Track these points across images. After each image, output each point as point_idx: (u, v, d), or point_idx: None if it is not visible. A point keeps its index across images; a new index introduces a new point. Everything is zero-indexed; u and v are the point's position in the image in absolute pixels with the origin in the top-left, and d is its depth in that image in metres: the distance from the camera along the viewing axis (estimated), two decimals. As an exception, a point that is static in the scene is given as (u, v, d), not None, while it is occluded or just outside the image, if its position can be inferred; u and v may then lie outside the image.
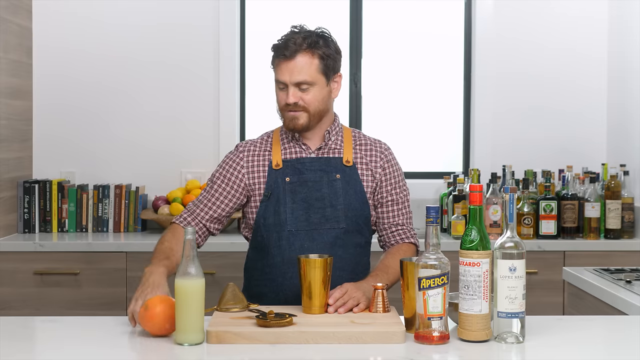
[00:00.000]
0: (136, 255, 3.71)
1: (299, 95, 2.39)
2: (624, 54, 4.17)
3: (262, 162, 2.50)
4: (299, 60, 2.38)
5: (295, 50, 2.37)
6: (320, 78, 2.41)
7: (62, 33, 4.24)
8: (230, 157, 2.54)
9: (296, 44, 2.37)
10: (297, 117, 2.42)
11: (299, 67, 2.37)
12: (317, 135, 2.51)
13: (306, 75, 2.38)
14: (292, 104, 2.40)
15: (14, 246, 3.72)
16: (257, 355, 1.83)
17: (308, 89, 2.40)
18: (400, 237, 2.52)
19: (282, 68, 2.39)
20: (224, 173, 2.52)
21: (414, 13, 4.46)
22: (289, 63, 2.38)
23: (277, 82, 2.43)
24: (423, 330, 1.91)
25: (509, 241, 1.92)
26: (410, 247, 2.51)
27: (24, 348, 1.94)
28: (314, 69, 2.39)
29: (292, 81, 2.38)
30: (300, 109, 2.41)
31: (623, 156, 4.13)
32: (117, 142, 4.26)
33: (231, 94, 4.28)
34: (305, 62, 2.38)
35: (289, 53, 2.37)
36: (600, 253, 3.79)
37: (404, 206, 2.55)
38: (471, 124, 4.39)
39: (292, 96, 2.39)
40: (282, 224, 2.42)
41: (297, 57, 2.37)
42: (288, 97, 2.39)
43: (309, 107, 2.41)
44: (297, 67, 2.37)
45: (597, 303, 2.69)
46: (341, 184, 2.46)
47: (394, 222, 2.53)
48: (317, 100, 2.42)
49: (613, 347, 2.01)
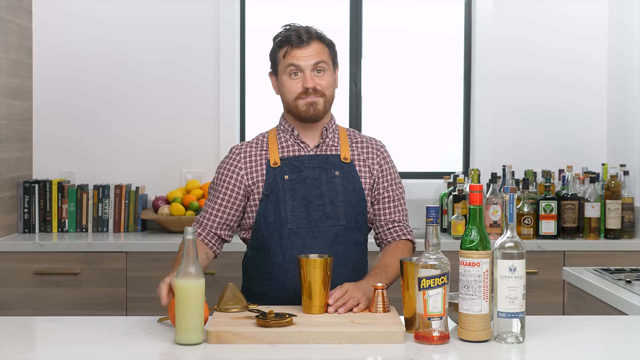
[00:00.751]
0: (136, 255, 3.71)
1: (316, 80, 2.43)
2: (624, 54, 4.17)
3: (260, 161, 2.50)
4: (314, 46, 2.45)
5: (309, 37, 2.44)
6: (330, 64, 2.48)
7: (62, 33, 4.24)
8: (226, 162, 2.53)
9: (309, 32, 2.45)
10: (316, 102, 2.44)
11: (315, 51, 2.44)
12: (316, 133, 2.52)
13: (322, 56, 2.45)
14: (311, 89, 2.42)
15: (14, 246, 3.72)
16: (257, 355, 1.83)
17: (323, 72, 2.45)
18: (397, 234, 2.52)
19: (297, 54, 2.43)
20: (224, 178, 2.51)
21: (414, 13, 4.46)
22: (305, 49, 2.43)
23: (289, 69, 2.44)
24: (423, 330, 1.91)
25: (509, 241, 1.92)
26: (407, 245, 2.51)
27: (24, 348, 1.94)
28: (326, 54, 2.47)
29: (310, 63, 2.43)
30: (318, 94, 2.44)
31: (623, 156, 4.13)
32: (117, 142, 4.26)
33: (231, 94, 4.28)
34: (318, 47, 2.46)
35: (306, 39, 2.43)
36: (600, 253, 3.79)
37: (399, 203, 2.55)
38: (471, 124, 4.39)
39: (311, 80, 2.42)
40: (282, 222, 2.42)
41: (312, 44, 2.44)
42: (306, 81, 2.42)
43: (325, 91, 2.45)
44: (312, 51, 2.44)
45: (597, 303, 2.69)
46: (340, 181, 2.46)
47: (390, 219, 2.53)
48: (331, 85, 2.47)
49: (613, 347, 2.01)
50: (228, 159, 2.54)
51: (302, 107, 2.45)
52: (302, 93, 2.44)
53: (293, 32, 2.45)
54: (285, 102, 2.50)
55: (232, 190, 2.49)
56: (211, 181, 2.57)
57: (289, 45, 2.44)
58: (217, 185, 2.52)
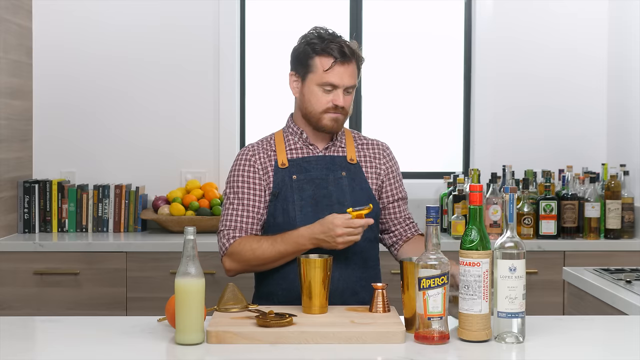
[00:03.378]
0: (136, 255, 3.71)
1: (346, 100, 2.46)
2: (624, 54, 4.17)
3: (269, 162, 2.51)
4: (352, 66, 2.46)
5: (351, 54, 2.45)
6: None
7: (62, 33, 4.24)
8: (242, 164, 2.51)
9: (351, 48, 2.45)
10: (339, 119, 2.48)
11: (350, 72, 2.46)
12: (325, 137, 2.55)
13: (355, 81, 2.48)
14: (340, 107, 2.45)
15: (14, 246, 3.72)
16: (257, 355, 1.83)
17: (350, 93, 2.48)
18: (414, 229, 2.61)
19: (339, 72, 2.44)
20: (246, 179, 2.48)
21: (414, 13, 4.46)
22: (346, 67, 2.45)
23: (325, 85, 2.44)
24: (423, 330, 1.91)
25: (509, 241, 1.92)
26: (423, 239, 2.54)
27: (24, 348, 1.94)
28: (356, 75, 2.50)
29: (345, 84, 2.45)
30: (344, 112, 2.48)
31: (623, 156, 4.13)
32: (118, 142, 4.26)
33: (231, 94, 4.28)
34: (354, 68, 2.48)
35: (349, 56, 2.44)
36: (600, 253, 3.79)
37: (406, 202, 2.64)
38: (471, 124, 4.39)
39: (343, 99, 2.45)
40: (291, 222, 2.43)
41: (352, 62, 2.46)
42: (339, 100, 2.44)
43: (348, 109, 2.49)
44: (351, 71, 2.46)
45: (597, 303, 2.69)
46: (347, 181, 2.49)
47: (406, 216, 2.61)
48: (351, 104, 2.51)
49: (613, 347, 2.01)
50: (241, 159, 2.52)
51: (326, 121, 2.47)
52: (331, 109, 2.46)
53: (336, 45, 2.44)
54: (308, 110, 2.48)
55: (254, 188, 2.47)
56: (229, 186, 2.51)
57: (332, 58, 2.43)
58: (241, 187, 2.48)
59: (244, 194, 2.48)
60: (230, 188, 2.51)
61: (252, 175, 2.49)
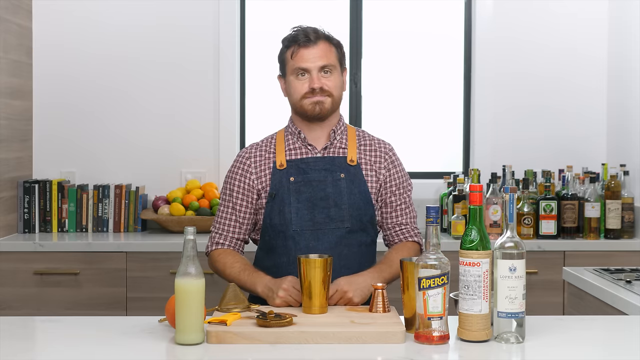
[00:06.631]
0: (136, 255, 3.71)
1: (322, 81, 2.44)
2: (624, 54, 4.17)
3: (267, 163, 2.51)
4: (321, 46, 2.46)
5: (316, 37, 2.46)
6: (337, 65, 2.50)
7: (62, 33, 4.24)
8: (237, 167, 2.54)
9: (316, 32, 2.46)
10: (322, 101, 2.46)
11: (322, 52, 2.45)
12: (323, 135, 2.53)
13: (329, 60, 2.46)
14: (318, 89, 2.43)
15: (14, 246, 3.72)
16: (257, 355, 1.84)
17: (330, 73, 2.46)
18: (403, 235, 2.55)
19: (304, 54, 2.44)
20: (238, 184, 2.52)
21: (413, 13, 4.46)
22: (312, 49, 2.44)
23: (296, 71, 2.45)
24: (423, 330, 1.91)
25: (509, 241, 1.92)
26: (414, 246, 2.53)
27: (24, 348, 1.94)
28: (333, 55, 2.48)
29: (317, 65, 2.44)
30: (325, 94, 2.45)
31: (623, 156, 4.13)
32: (117, 142, 4.26)
33: (231, 94, 4.28)
34: (326, 48, 2.47)
35: (313, 39, 2.44)
36: (600, 253, 3.79)
37: (406, 206, 2.58)
38: (471, 124, 4.39)
39: (317, 80, 2.43)
40: (287, 224, 2.44)
41: (319, 44, 2.46)
42: (313, 82, 2.43)
43: (332, 91, 2.46)
44: (319, 52, 2.45)
45: (597, 303, 2.69)
46: (345, 184, 2.47)
47: (397, 222, 2.55)
48: (337, 86, 2.48)
49: (613, 347, 2.01)
50: (238, 163, 2.55)
51: (307, 105, 2.46)
52: (308, 93, 2.45)
53: (300, 32, 2.47)
54: (292, 102, 2.51)
55: (245, 195, 2.51)
56: (224, 186, 2.57)
57: (295, 45, 2.45)
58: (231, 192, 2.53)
59: (236, 198, 2.52)
60: (224, 189, 2.57)
61: (244, 180, 2.51)
